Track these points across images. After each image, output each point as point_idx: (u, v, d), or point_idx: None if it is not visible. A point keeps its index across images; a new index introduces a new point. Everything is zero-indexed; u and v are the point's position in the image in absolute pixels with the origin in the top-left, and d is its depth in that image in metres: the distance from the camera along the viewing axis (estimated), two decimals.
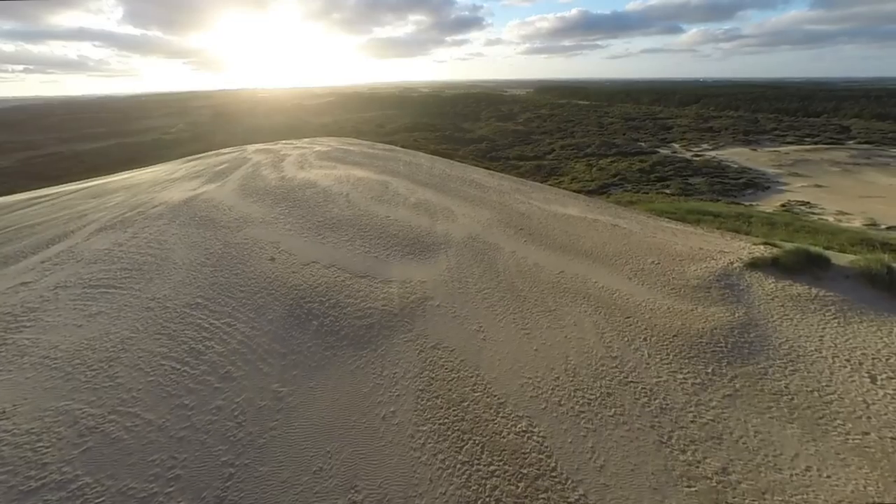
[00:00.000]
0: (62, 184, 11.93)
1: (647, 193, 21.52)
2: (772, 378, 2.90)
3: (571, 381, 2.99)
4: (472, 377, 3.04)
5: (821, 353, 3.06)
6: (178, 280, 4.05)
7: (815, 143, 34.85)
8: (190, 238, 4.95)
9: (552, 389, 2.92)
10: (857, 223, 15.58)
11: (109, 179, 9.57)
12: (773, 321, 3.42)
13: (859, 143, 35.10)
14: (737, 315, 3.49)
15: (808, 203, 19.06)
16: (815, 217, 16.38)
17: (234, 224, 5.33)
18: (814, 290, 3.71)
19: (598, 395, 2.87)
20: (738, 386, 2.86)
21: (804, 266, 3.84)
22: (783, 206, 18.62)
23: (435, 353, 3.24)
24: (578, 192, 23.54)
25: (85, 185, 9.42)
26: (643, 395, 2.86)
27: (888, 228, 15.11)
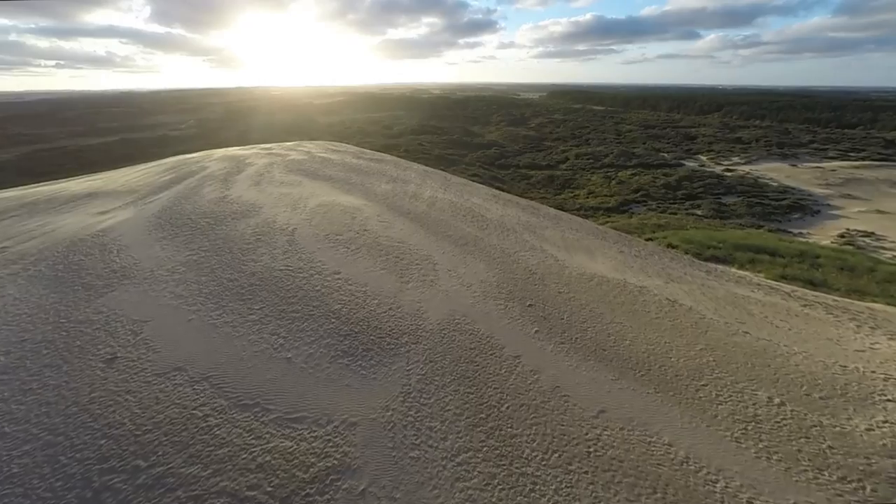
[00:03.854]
0: (42, 181, 10.58)
1: (676, 214, 19.17)
2: None
3: None
4: None
5: None
6: None
7: (863, 159, 31.64)
8: (17, 307, 3.23)
9: None
10: None
11: (36, 189, 8.06)
12: None
13: None
14: None
15: (873, 234, 16.12)
16: (888, 253, 13.82)
17: (102, 281, 3.61)
18: None
19: None
20: None
21: None
22: (842, 237, 15.78)
23: None
24: (596, 208, 21.39)
25: (6, 193, 7.92)
26: None
27: None
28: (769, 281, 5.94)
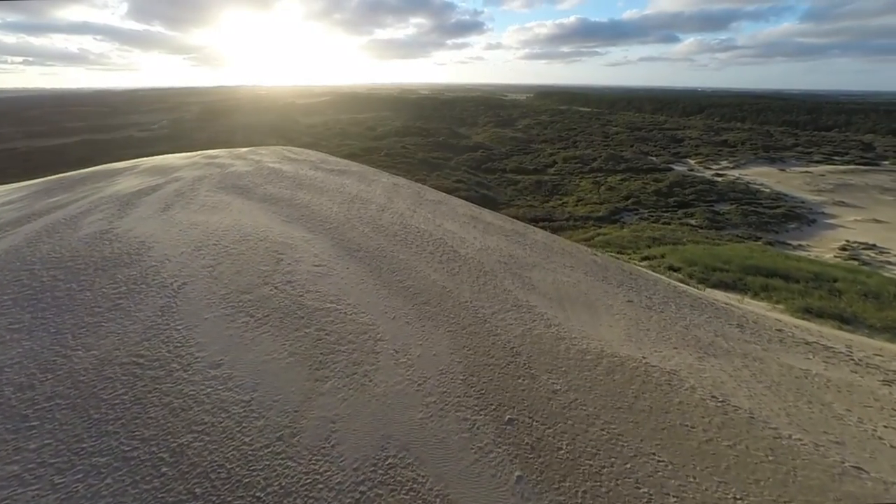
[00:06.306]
0: None
1: (669, 224, 18.30)
2: None
3: None
4: None
5: None
6: None
7: (848, 163, 31.79)
8: None
9: None
10: None
11: None
12: None
13: (895, 163, 32.02)
14: None
15: (875, 246, 15.49)
16: None
17: None
18: None
19: None
20: None
21: None
22: (844, 249, 15.05)
23: None
24: (586, 218, 20.40)
25: None
26: None
27: None
28: (808, 325, 4.86)
